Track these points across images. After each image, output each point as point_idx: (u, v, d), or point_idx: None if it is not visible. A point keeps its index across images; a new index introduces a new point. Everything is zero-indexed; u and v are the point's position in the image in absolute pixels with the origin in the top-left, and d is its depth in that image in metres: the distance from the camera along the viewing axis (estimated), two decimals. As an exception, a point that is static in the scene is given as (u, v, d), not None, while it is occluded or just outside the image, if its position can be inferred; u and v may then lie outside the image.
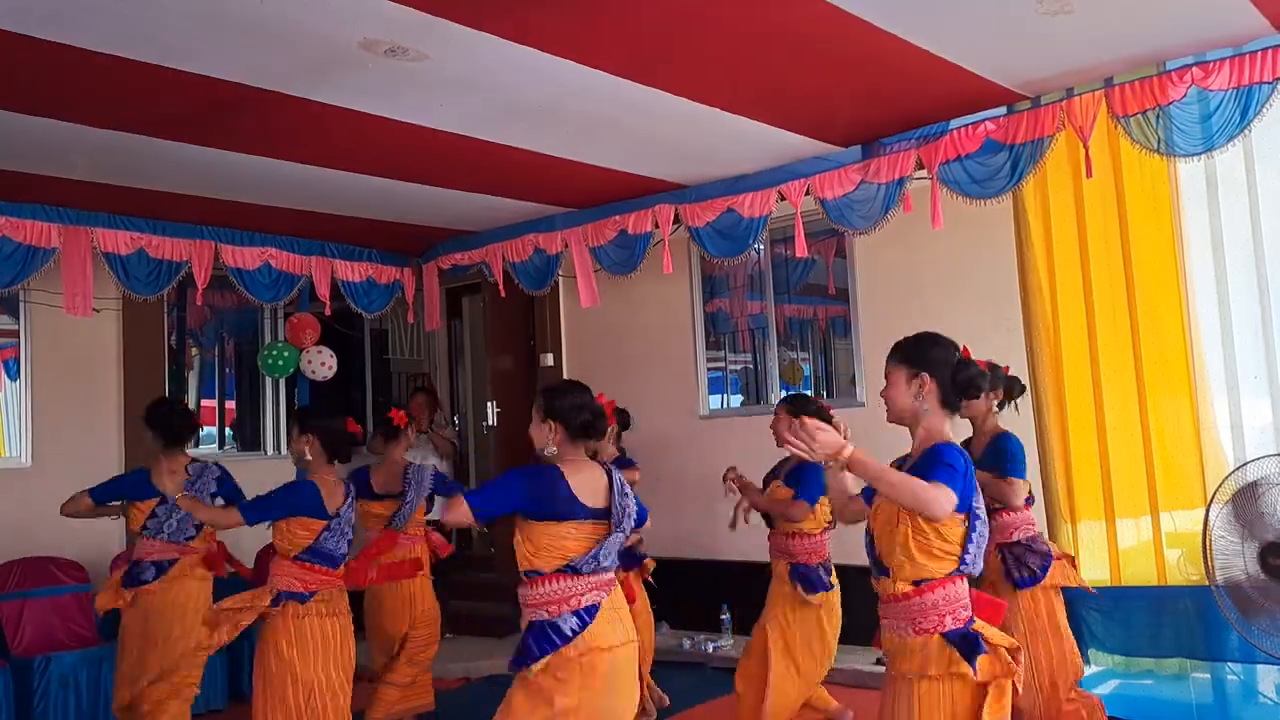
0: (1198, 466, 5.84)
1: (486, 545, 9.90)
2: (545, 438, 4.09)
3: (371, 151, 6.73)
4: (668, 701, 6.96)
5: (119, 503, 6.14)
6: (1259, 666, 5.75)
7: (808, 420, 3.33)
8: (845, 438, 3.37)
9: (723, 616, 8.36)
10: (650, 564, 6.82)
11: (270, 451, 9.64)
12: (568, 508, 3.93)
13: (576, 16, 4.92)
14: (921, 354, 3.58)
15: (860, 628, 5.25)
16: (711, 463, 6.16)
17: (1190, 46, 5.58)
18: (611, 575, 4.03)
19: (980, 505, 3.40)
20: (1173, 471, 5.95)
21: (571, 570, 3.89)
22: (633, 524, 4.06)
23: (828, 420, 5.44)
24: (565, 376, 9.84)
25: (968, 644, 3.27)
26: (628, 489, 4.10)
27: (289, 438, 5.88)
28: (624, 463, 6.96)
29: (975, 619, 3.35)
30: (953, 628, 3.30)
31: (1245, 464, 5.19)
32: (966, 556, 3.34)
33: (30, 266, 7.06)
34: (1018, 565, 5.06)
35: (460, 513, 3.91)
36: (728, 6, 4.92)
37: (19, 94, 5.46)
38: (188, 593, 6.01)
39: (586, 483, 4.01)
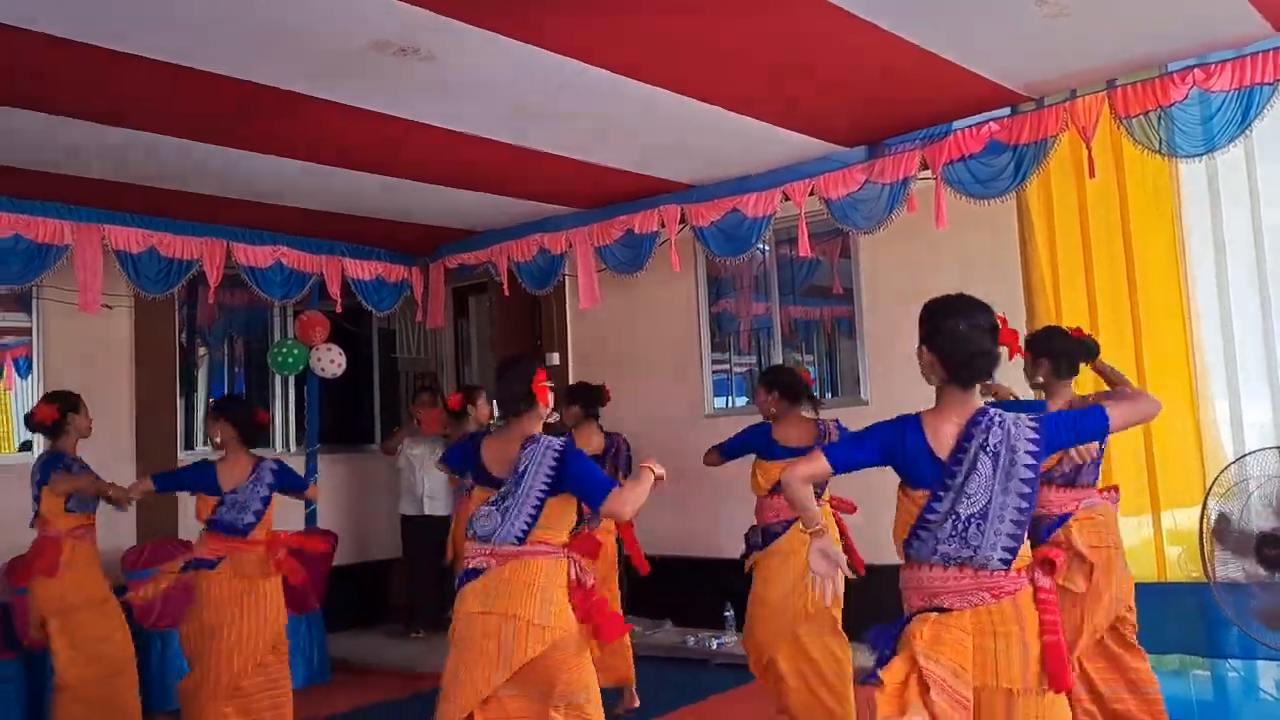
0: (1198, 464, 5.89)
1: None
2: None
3: (381, 151, 6.79)
4: (636, 704, 6.90)
5: None
6: (1259, 663, 5.80)
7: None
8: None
9: (726, 614, 8.40)
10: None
11: (280, 447, 9.71)
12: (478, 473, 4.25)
13: (584, 17, 4.98)
14: None
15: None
16: (716, 461, 6.22)
17: (1192, 48, 5.64)
18: (502, 548, 4.08)
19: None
20: (1174, 469, 6.00)
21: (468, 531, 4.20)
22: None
23: (804, 387, 5.51)
24: (570, 376, 9.90)
25: (875, 635, 3.29)
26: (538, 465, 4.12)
27: (206, 425, 6.15)
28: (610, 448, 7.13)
29: (916, 618, 3.17)
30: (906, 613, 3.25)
31: (1240, 458, 5.24)
32: (914, 539, 3.23)
33: (43, 264, 7.13)
34: None
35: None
36: (733, 8, 4.98)
37: (32, 92, 5.52)
38: None
39: (498, 452, 4.21)
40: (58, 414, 6.13)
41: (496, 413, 5.57)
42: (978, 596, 3.12)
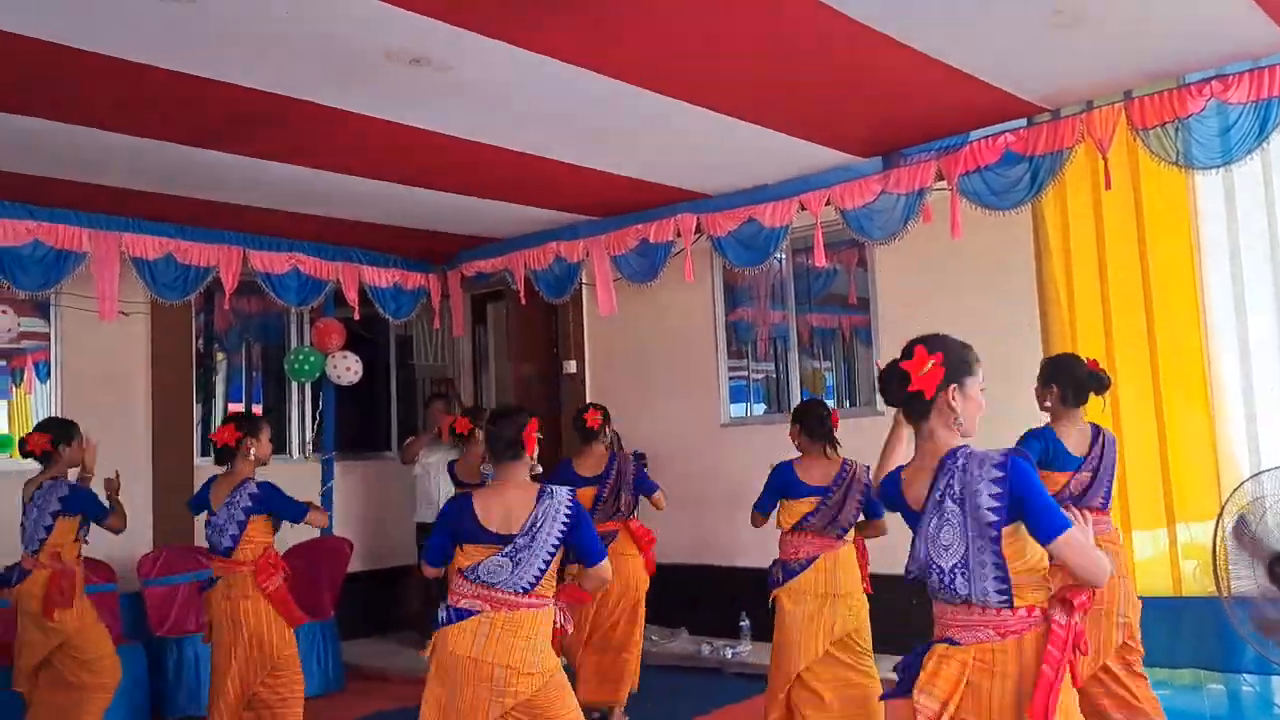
0: (1214, 478, 5.86)
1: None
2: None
3: (397, 159, 6.81)
4: None
5: None
6: (1274, 678, 5.76)
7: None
8: None
9: (741, 623, 8.39)
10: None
11: (296, 455, 9.75)
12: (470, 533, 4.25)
13: (598, 28, 4.99)
14: None
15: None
16: (732, 470, 6.21)
17: (1209, 60, 5.61)
18: (502, 595, 4.17)
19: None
20: (1189, 483, 5.97)
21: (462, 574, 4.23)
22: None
23: (826, 429, 5.51)
24: (588, 384, 9.91)
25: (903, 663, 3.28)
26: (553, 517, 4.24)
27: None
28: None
29: (933, 648, 3.13)
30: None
31: (1256, 474, 5.21)
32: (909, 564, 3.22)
33: (61, 270, 7.17)
34: None
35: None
36: (748, 19, 4.98)
37: (51, 102, 5.57)
38: None
39: (495, 505, 4.25)
40: (48, 445, 6.03)
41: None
42: (984, 633, 3.04)
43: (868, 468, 5.54)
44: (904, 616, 7.21)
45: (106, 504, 6.04)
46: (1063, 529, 2.95)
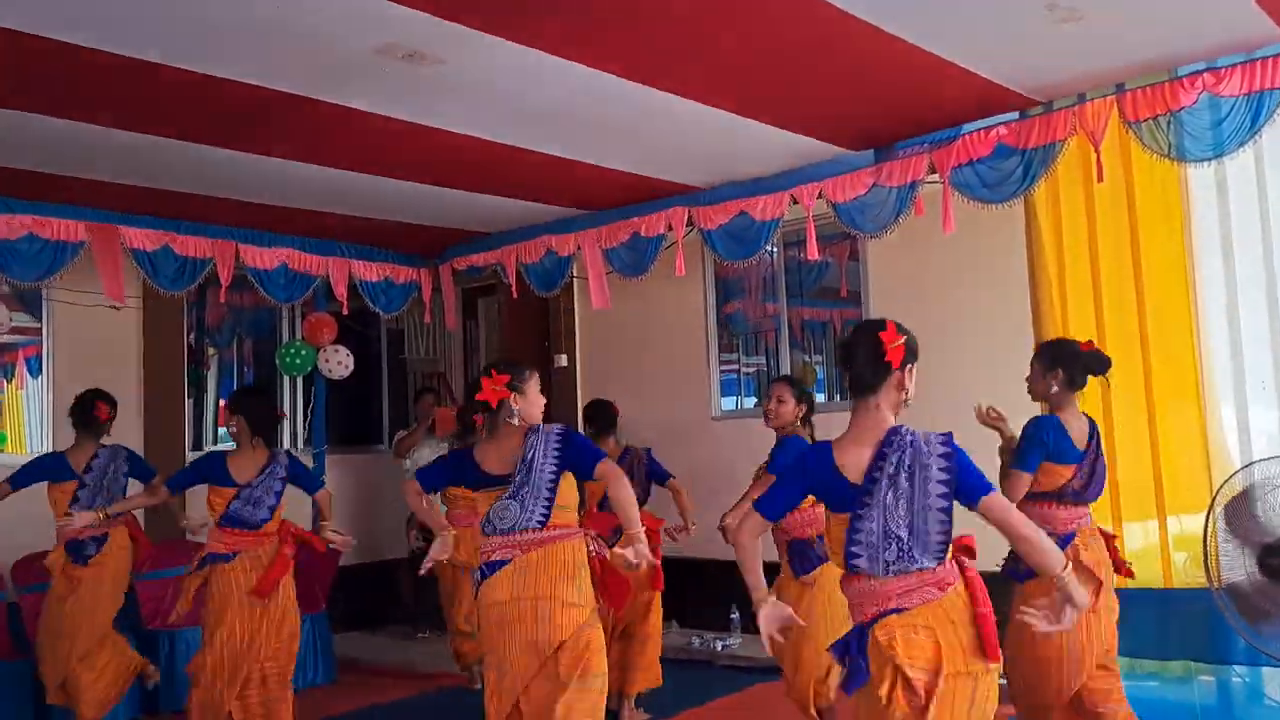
0: (1205, 471, 5.86)
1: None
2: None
3: (389, 154, 6.80)
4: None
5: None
6: (1264, 669, 5.77)
7: None
8: None
9: (732, 615, 8.40)
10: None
11: (288, 447, 9.74)
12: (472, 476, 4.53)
13: (589, 22, 4.98)
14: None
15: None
16: (723, 463, 6.21)
17: (1202, 52, 5.61)
18: (525, 536, 4.36)
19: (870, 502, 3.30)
20: (1180, 476, 5.97)
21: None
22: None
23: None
24: (579, 378, 9.91)
25: (840, 648, 3.38)
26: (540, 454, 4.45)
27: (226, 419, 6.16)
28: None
29: (878, 625, 3.26)
30: (857, 622, 3.36)
31: (1246, 466, 5.22)
32: (852, 557, 3.30)
33: (58, 263, 7.15)
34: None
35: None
36: (740, 12, 4.98)
37: (46, 97, 5.55)
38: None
39: (494, 452, 4.49)
40: (114, 411, 6.49)
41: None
42: (928, 592, 3.25)
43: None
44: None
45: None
46: (989, 490, 3.30)
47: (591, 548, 4.51)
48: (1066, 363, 4.91)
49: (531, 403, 4.56)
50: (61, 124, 5.88)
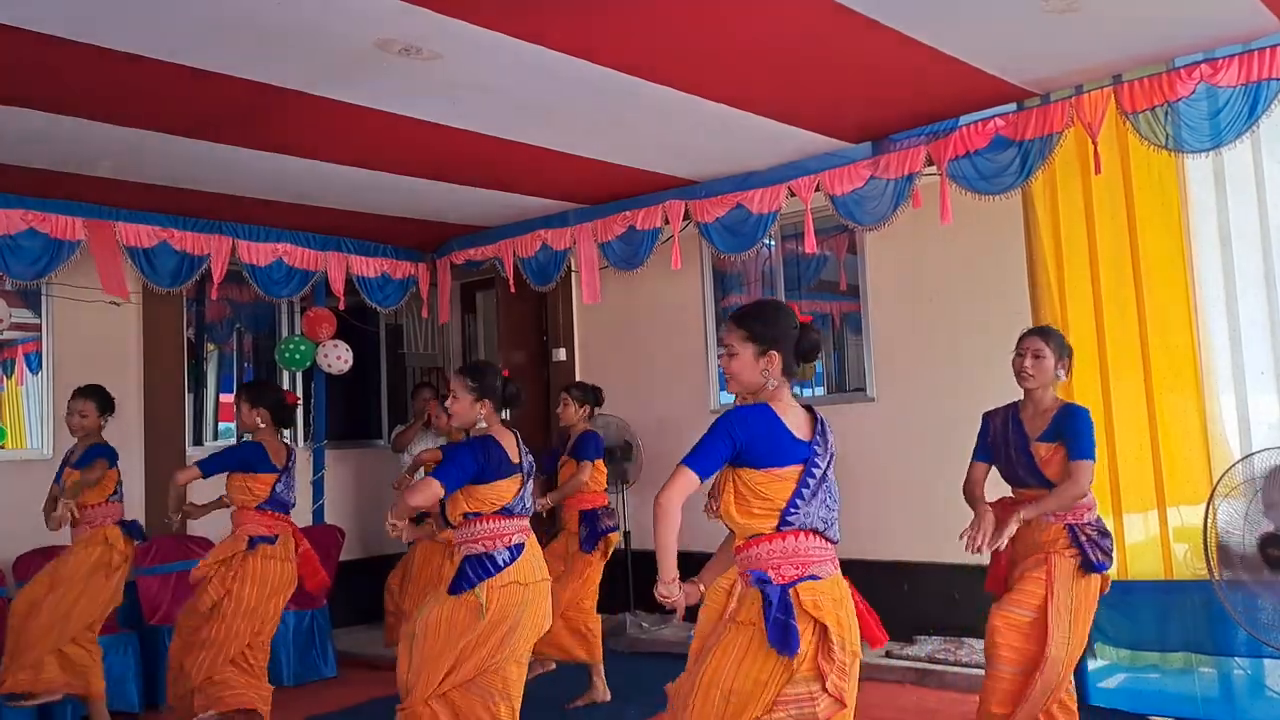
0: (1205, 462, 5.85)
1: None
2: (476, 414, 4.89)
3: (386, 149, 6.80)
4: (608, 697, 7.05)
5: None
6: (1266, 661, 5.76)
7: None
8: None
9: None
10: (614, 538, 7.25)
11: (288, 441, 9.73)
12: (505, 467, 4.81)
13: (586, 16, 4.97)
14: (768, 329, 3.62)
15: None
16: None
17: (1199, 43, 5.59)
18: (526, 520, 4.90)
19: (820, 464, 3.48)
20: (1180, 467, 5.96)
21: (505, 512, 4.77)
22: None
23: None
24: (578, 371, 9.91)
25: (769, 601, 3.37)
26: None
27: (239, 411, 6.33)
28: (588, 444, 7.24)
29: (801, 586, 3.37)
30: (777, 582, 3.38)
31: (1246, 456, 5.22)
32: (791, 514, 3.41)
33: (56, 259, 7.16)
34: (1093, 548, 4.76)
35: (431, 492, 4.61)
36: (736, 5, 4.97)
37: (42, 93, 5.55)
38: None
39: (510, 445, 4.85)
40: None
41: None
42: (833, 565, 3.47)
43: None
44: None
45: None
46: None
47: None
48: (1067, 350, 5.07)
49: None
50: (59, 119, 5.87)
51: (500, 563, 4.70)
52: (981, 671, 4.98)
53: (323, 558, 8.12)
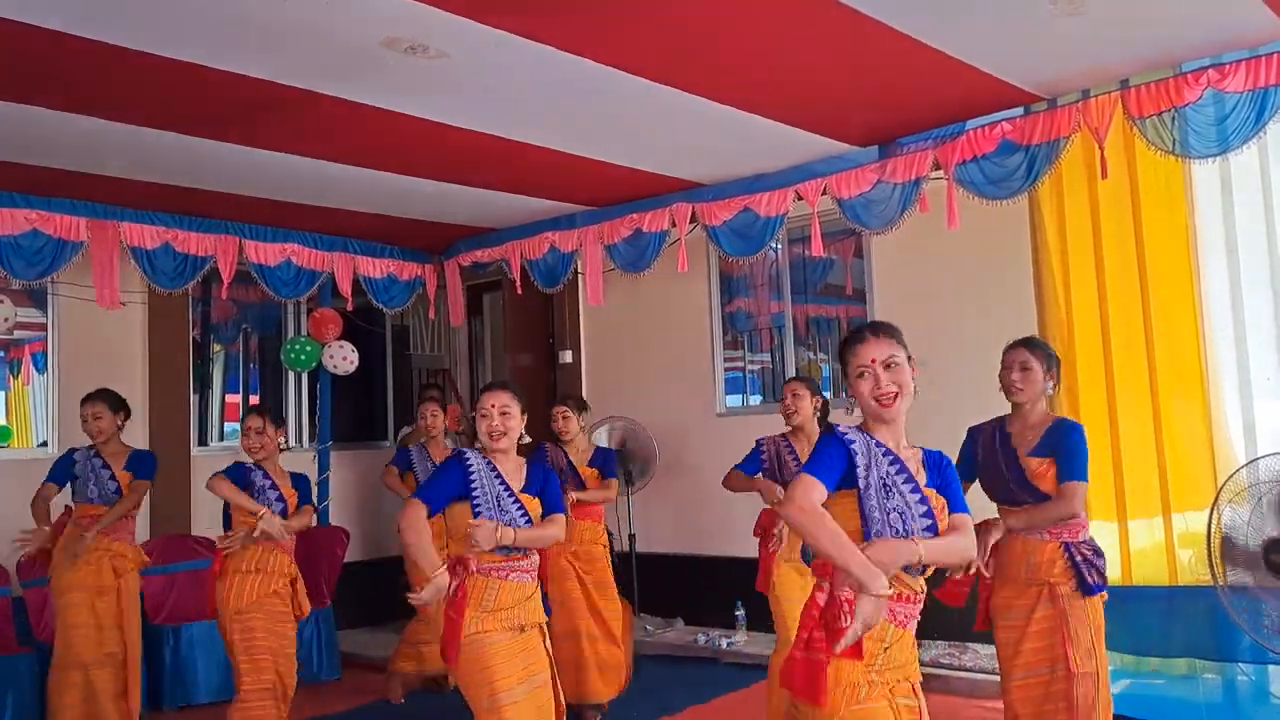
0: (1210, 468, 5.84)
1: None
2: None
3: (393, 149, 6.80)
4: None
5: None
6: (1270, 667, 5.75)
7: None
8: None
9: (737, 613, 8.39)
10: None
11: (292, 445, 9.74)
12: None
13: (595, 16, 4.98)
14: None
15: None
16: (727, 460, 6.21)
17: (1206, 48, 5.60)
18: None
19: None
20: (1185, 472, 5.95)
21: None
22: None
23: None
24: (584, 374, 9.91)
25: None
26: None
27: (260, 431, 5.99)
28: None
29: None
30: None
31: (1251, 462, 5.21)
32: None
33: (60, 259, 7.18)
34: (1089, 568, 4.37)
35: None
36: (745, 8, 4.97)
37: (47, 90, 5.55)
38: None
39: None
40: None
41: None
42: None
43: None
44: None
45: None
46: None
47: None
48: (1057, 363, 4.73)
49: None
50: (64, 118, 5.88)
51: None
52: (986, 676, 4.93)
53: (327, 559, 8.17)
